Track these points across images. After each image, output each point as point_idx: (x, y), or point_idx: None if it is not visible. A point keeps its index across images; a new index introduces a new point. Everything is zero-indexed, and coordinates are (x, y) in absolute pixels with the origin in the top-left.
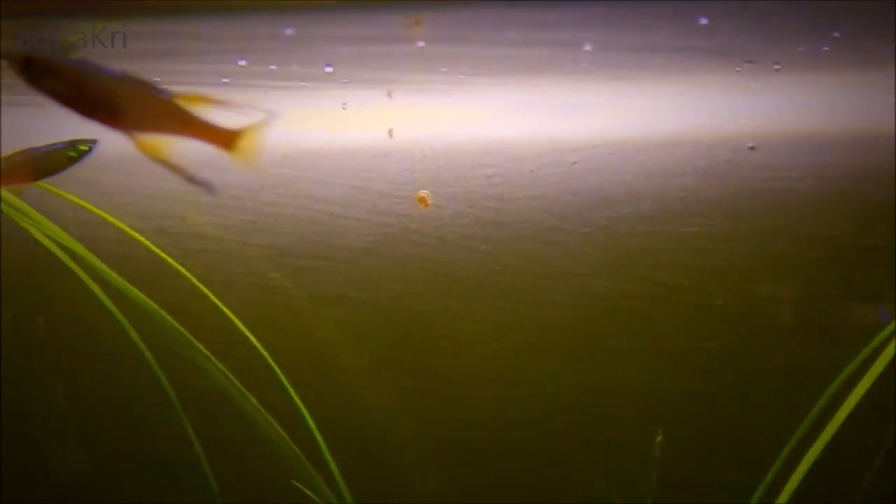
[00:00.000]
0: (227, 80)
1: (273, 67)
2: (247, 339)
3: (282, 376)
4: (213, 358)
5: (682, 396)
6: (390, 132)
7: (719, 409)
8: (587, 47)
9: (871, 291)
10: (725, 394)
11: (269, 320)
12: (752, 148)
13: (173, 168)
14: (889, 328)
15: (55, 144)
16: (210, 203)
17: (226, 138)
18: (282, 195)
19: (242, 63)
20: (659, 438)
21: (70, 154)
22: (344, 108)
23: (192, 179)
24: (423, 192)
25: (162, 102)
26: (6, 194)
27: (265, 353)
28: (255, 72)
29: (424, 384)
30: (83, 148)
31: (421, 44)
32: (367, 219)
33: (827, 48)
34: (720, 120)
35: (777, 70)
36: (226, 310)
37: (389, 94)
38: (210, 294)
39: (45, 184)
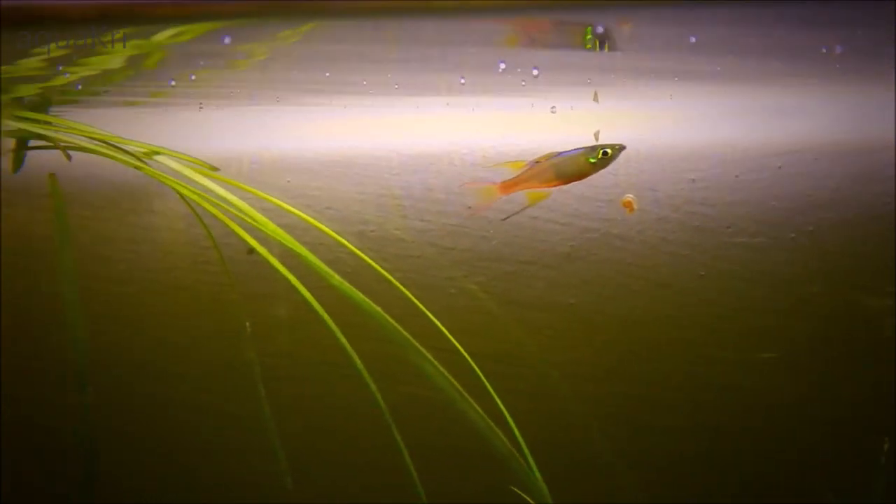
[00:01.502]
0: (463, 81)
1: (503, 65)
2: (449, 344)
3: (486, 383)
4: (437, 364)
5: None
6: (596, 135)
7: None
8: (817, 50)
9: None
10: None
11: (471, 325)
12: None
13: None
14: None
15: (577, 150)
16: (411, 207)
17: None
18: None
19: (503, 66)
20: (887, 446)
21: (591, 160)
22: (553, 112)
23: None
24: (630, 197)
25: None
26: (234, 199)
27: (469, 359)
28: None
29: (628, 389)
30: (600, 153)
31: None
32: (570, 223)
33: None
34: None
35: None
36: (430, 315)
37: (596, 98)
38: (415, 300)
39: (249, 188)
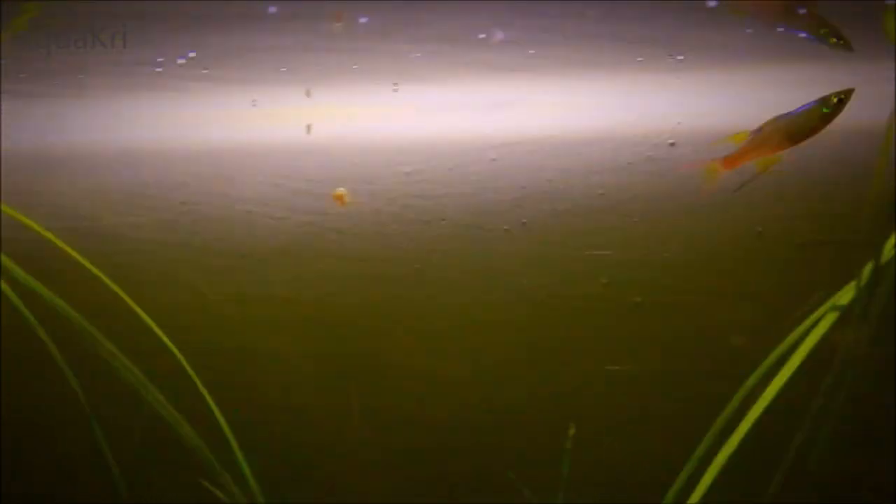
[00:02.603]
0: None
1: (181, 61)
2: (162, 340)
3: (195, 377)
4: (119, 354)
5: (614, 388)
6: (308, 128)
7: (649, 404)
8: (503, 41)
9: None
10: (651, 389)
11: (186, 321)
12: (672, 144)
13: None
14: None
15: (804, 106)
16: (124, 202)
17: None
18: (196, 194)
19: (181, 61)
20: (572, 432)
21: (824, 110)
22: (254, 106)
23: None
24: (341, 190)
25: None
26: None
27: (178, 354)
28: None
29: (358, 385)
30: (834, 99)
31: (341, 40)
32: (285, 217)
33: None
34: (642, 117)
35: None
36: (139, 310)
37: (308, 93)
38: (124, 294)
39: None
